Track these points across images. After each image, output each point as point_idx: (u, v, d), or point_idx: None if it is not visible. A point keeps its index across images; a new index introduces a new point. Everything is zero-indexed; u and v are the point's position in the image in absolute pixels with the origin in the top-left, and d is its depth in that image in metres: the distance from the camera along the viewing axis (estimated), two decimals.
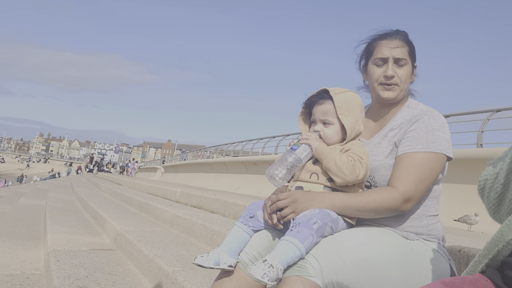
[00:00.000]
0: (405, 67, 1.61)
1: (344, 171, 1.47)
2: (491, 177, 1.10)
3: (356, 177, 1.48)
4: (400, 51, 1.60)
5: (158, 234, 3.71)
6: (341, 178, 1.48)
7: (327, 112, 1.57)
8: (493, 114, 7.80)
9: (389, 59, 1.60)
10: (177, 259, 2.64)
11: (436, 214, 1.61)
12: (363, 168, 1.49)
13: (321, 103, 1.59)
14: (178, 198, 6.20)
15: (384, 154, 1.59)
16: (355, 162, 1.49)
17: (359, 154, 1.51)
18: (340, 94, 1.57)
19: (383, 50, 1.61)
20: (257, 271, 1.29)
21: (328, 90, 1.59)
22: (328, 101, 1.57)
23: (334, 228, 1.44)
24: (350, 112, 1.56)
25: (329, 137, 1.58)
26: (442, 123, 1.55)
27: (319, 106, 1.59)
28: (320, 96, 1.60)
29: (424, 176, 1.49)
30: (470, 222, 5.10)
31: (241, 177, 15.62)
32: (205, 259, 1.47)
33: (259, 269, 1.29)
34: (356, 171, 1.48)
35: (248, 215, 1.57)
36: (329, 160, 1.49)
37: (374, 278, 1.37)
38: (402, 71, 1.60)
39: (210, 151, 27.77)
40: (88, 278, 2.54)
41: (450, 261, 1.57)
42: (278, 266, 1.29)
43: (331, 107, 1.57)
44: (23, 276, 2.97)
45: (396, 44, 1.61)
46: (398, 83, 1.61)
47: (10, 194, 13.18)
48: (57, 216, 5.35)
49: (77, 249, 3.43)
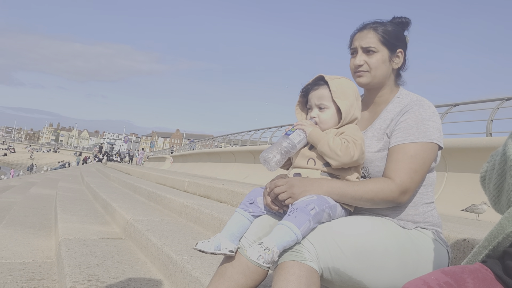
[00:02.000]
0: (375, 54, 1.64)
1: (338, 153, 1.49)
2: (490, 168, 1.11)
3: (351, 158, 1.50)
4: (367, 40, 1.65)
5: (166, 223, 3.75)
6: (335, 160, 1.51)
7: (322, 96, 1.61)
8: (503, 103, 7.72)
9: (358, 48, 1.67)
10: (185, 248, 2.68)
11: (432, 201, 1.63)
12: (358, 149, 1.51)
13: (316, 89, 1.63)
14: (186, 188, 6.25)
15: (377, 145, 1.61)
16: (349, 144, 1.50)
17: (353, 136, 1.53)
18: (336, 79, 1.61)
19: (354, 42, 1.70)
20: (253, 253, 1.33)
21: (323, 77, 1.62)
22: (323, 86, 1.61)
23: (331, 215, 1.46)
24: (345, 97, 1.59)
25: (324, 121, 1.61)
26: (432, 112, 1.56)
27: (314, 91, 1.63)
28: (315, 83, 1.64)
29: (418, 167, 1.51)
30: (477, 211, 5.08)
31: (249, 166, 15.66)
32: (206, 244, 1.51)
33: (255, 251, 1.33)
34: (350, 152, 1.49)
35: (248, 201, 1.61)
36: (323, 143, 1.51)
37: (371, 266, 1.40)
38: (372, 59, 1.65)
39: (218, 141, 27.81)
40: (98, 267, 2.59)
41: (448, 248, 1.59)
42: (274, 249, 1.33)
43: (326, 91, 1.60)
44: (35, 264, 3.04)
45: (365, 35, 1.66)
46: (368, 69, 1.66)
47: (21, 183, 13.36)
48: (67, 205, 5.42)
49: (87, 238, 3.49)
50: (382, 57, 1.65)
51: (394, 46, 1.66)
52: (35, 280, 2.67)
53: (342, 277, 1.38)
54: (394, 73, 1.70)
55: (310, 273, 1.32)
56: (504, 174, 1.04)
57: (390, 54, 1.66)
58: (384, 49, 1.65)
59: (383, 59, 1.65)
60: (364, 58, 1.66)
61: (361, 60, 1.66)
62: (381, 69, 1.65)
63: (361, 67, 1.66)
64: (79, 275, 2.36)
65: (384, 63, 1.65)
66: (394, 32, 1.66)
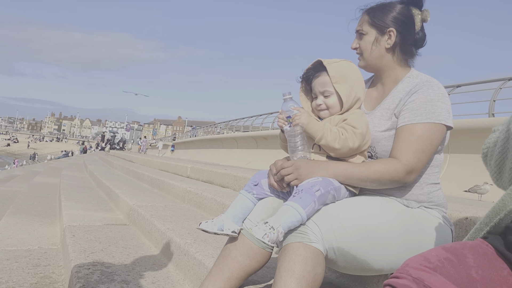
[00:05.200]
0: (365, 37, 1.67)
1: (336, 146, 1.50)
2: (492, 145, 1.11)
3: (350, 148, 1.51)
4: (359, 24, 1.69)
5: (170, 208, 3.77)
6: (334, 153, 1.52)
7: (324, 83, 1.60)
8: (506, 83, 7.69)
9: (356, 33, 1.71)
10: (189, 232, 2.69)
11: (437, 182, 1.63)
12: (358, 138, 1.51)
13: (318, 76, 1.62)
14: (189, 174, 6.27)
15: (385, 125, 1.61)
16: (347, 134, 1.51)
17: (353, 124, 1.53)
18: (334, 63, 1.61)
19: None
20: (258, 232, 1.34)
21: (322, 61, 1.62)
22: (323, 72, 1.61)
23: (336, 197, 1.46)
24: (345, 80, 1.59)
25: (332, 106, 1.61)
26: (442, 93, 1.55)
27: (316, 79, 1.62)
28: (316, 69, 1.63)
29: (425, 147, 1.51)
30: (480, 191, 5.09)
31: (251, 152, 15.68)
32: (209, 224, 1.53)
33: (260, 229, 1.34)
34: (348, 144, 1.50)
35: (252, 183, 1.62)
36: (320, 138, 1.52)
37: (375, 245, 1.40)
38: (362, 41, 1.68)
39: (221, 127, 27.81)
40: (103, 252, 2.62)
41: (452, 227, 1.59)
42: (279, 229, 1.33)
43: (327, 77, 1.60)
44: (40, 251, 3.07)
45: (361, 19, 1.69)
46: (361, 52, 1.69)
47: (25, 173, 13.43)
48: (71, 193, 5.45)
49: (91, 224, 3.51)
50: (370, 38, 1.65)
51: (383, 26, 1.63)
52: (41, 266, 2.70)
53: (346, 256, 1.39)
54: (393, 52, 1.66)
55: (316, 254, 1.33)
56: (506, 152, 1.04)
57: (378, 35, 1.64)
58: (372, 30, 1.65)
59: (371, 41, 1.65)
60: (358, 41, 1.69)
61: (355, 43, 1.69)
62: (370, 50, 1.66)
63: (357, 50, 1.69)
64: (84, 260, 2.38)
65: (373, 44, 1.65)
66: (388, 12, 1.64)
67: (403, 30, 1.64)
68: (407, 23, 1.64)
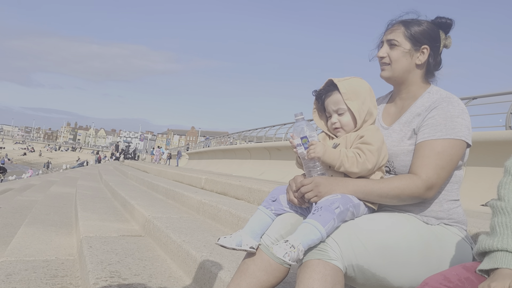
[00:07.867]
0: (397, 47, 1.64)
1: (355, 170, 1.52)
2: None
3: (369, 170, 1.53)
4: (393, 34, 1.66)
5: (185, 220, 3.79)
6: (354, 176, 1.54)
7: (337, 101, 1.63)
8: None
9: (384, 42, 1.68)
10: (204, 244, 2.71)
11: (457, 199, 1.62)
12: (374, 156, 1.52)
13: (330, 95, 1.64)
14: (203, 185, 6.29)
15: (403, 140, 1.61)
16: (365, 156, 1.52)
17: (368, 142, 1.54)
18: (345, 81, 1.63)
19: (383, 37, 1.70)
20: (279, 250, 1.34)
21: (332, 80, 1.64)
22: (335, 90, 1.63)
23: (355, 213, 1.47)
24: (356, 96, 1.61)
25: (347, 124, 1.63)
26: (462, 109, 1.55)
27: (329, 98, 1.65)
28: (327, 89, 1.66)
29: (445, 163, 1.50)
30: None
31: (264, 162, 15.68)
32: (228, 240, 1.54)
33: (281, 248, 1.34)
34: (367, 166, 1.52)
35: (270, 199, 1.63)
36: (339, 166, 1.53)
37: (394, 263, 1.40)
38: (393, 51, 1.65)
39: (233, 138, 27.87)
40: (120, 263, 2.64)
41: (472, 245, 1.57)
42: (300, 247, 1.33)
43: (339, 95, 1.62)
44: (58, 262, 3.10)
45: (394, 29, 1.67)
46: (388, 62, 1.66)
47: (41, 182, 13.61)
48: (87, 203, 5.51)
49: (107, 235, 3.55)
50: (403, 50, 1.63)
51: (419, 42, 1.63)
52: (59, 277, 2.74)
53: (366, 274, 1.38)
54: (421, 69, 1.67)
55: (335, 272, 1.32)
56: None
57: (412, 49, 1.63)
58: (406, 43, 1.63)
59: (404, 53, 1.64)
60: (387, 50, 1.66)
61: (384, 52, 1.67)
62: (401, 62, 1.64)
63: (383, 59, 1.67)
64: (102, 272, 2.41)
65: (404, 57, 1.64)
66: (424, 30, 1.64)
67: (433, 50, 1.65)
68: (438, 45, 1.66)
